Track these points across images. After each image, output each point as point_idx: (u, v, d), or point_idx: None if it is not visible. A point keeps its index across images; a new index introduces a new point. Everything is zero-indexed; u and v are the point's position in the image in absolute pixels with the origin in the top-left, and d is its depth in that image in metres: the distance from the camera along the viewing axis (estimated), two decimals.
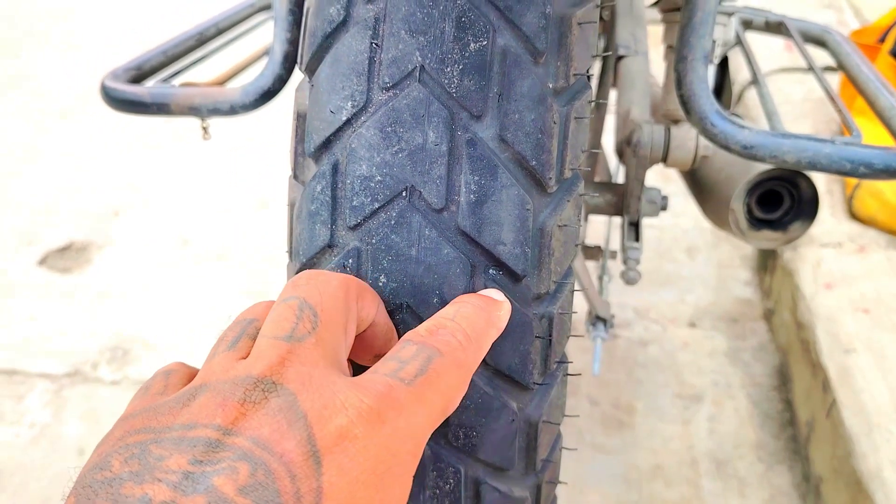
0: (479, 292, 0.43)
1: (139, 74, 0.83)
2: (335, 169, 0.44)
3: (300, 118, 0.48)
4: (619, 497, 1.16)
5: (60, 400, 1.37)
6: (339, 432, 0.31)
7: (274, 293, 1.25)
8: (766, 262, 1.52)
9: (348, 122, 0.44)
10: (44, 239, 1.77)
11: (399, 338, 0.44)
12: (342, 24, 0.45)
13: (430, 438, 0.44)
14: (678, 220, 1.66)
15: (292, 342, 0.34)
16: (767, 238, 0.84)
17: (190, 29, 0.92)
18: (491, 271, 0.44)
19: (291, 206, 0.49)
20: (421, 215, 0.43)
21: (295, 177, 0.48)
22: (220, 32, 0.95)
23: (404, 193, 0.43)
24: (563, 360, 0.50)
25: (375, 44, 0.44)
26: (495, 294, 0.43)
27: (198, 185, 1.95)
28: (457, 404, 0.38)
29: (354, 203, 0.44)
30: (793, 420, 1.27)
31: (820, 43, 1.00)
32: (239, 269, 1.66)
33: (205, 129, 0.79)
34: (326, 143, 0.45)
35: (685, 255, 1.62)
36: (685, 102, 0.66)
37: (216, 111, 0.73)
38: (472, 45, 0.43)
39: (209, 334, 1.49)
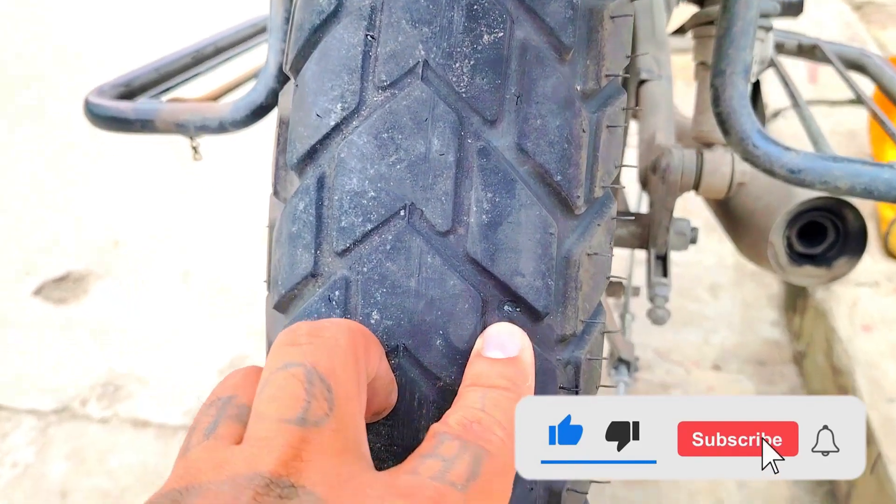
0: (489, 346, 0.35)
1: (128, 91, 0.77)
2: (321, 183, 0.37)
3: (282, 125, 0.41)
4: None
5: (46, 438, 1.30)
6: None
7: None
8: (796, 301, 1.43)
9: (337, 128, 0.37)
10: (41, 269, 1.71)
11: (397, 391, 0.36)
12: (333, 15, 0.38)
13: None
14: (700, 257, 1.58)
15: (307, 427, 0.27)
16: (810, 275, 0.76)
17: (186, 47, 0.86)
18: (506, 308, 0.37)
19: (271, 227, 0.42)
20: (422, 239, 0.36)
21: (276, 193, 0.41)
22: (217, 52, 0.88)
23: (402, 213, 0.36)
24: None
25: (371, 36, 0.37)
26: (510, 344, 0.35)
27: (201, 214, 1.89)
28: None
29: (343, 224, 0.36)
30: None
31: (858, 67, 0.93)
32: (241, 303, 1.59)
33: (195, 148, 0.72)
34: (311, 153, 0.38)
35: (708, 293, 1.54)
36: (723, 121, 0.59)
37: (205, 128, 0.66)
38: (485, 37, 0.36)
39: (207, 371, 1.42)
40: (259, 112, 0.66)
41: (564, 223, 0.37)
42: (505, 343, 0.35)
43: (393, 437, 0.37)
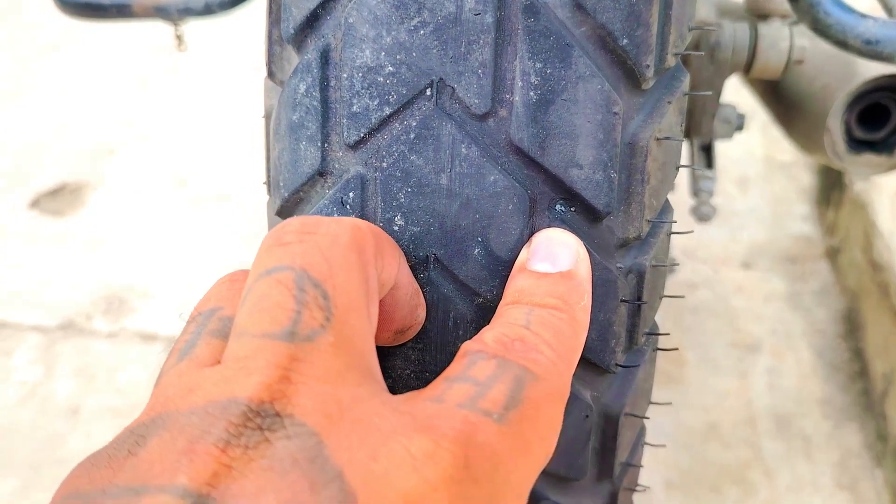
0: (536, 259, 0.29)
1: None
2: (325, 58, 0.30)
3: None
4: (668, 460, 1.03)
5: (52, 355, 1.26)
6: (408, 502, 0.19)
7: None
8: (830, 194, 1.36)
9: None
10: (35, 181, 1.64)
11: (425, 306, 0.30)
12: None
13: None
14: (726, 149, 1.49)
15: (296, 343, 0.21)
16: (870, 163, 0.69)
17: None
18: (559, 207, 0.30)
19: (268, 117, 0.35)
20: (454, 124, 0.28)
21: (270, 75, 0.34)
22: None
23: (429, 91, 0.28)
24: (654, 332, 0.36)
25: None
26: (563, 256, 0.29)
27: (196, 119, 1.80)
28: (553, 448, 0.25)
29: (355, 108, 0.29)
30: (864, 372, 1.13)
31: None
32: (240, 210, 1.53)
33: (179, 37, 0.64)
34: (312, 20, 0.30)
35: (736, 187, 1.46)
36: None
37: (188, 11, 0.58)
38: None
39: (210, 281, 1.36)
40: None
41: (630, 100, 0.30)
42: (556, 254, 0.29)
43: (425, 363, 0.31)
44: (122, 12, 0.60)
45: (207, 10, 0.58)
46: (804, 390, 1.12)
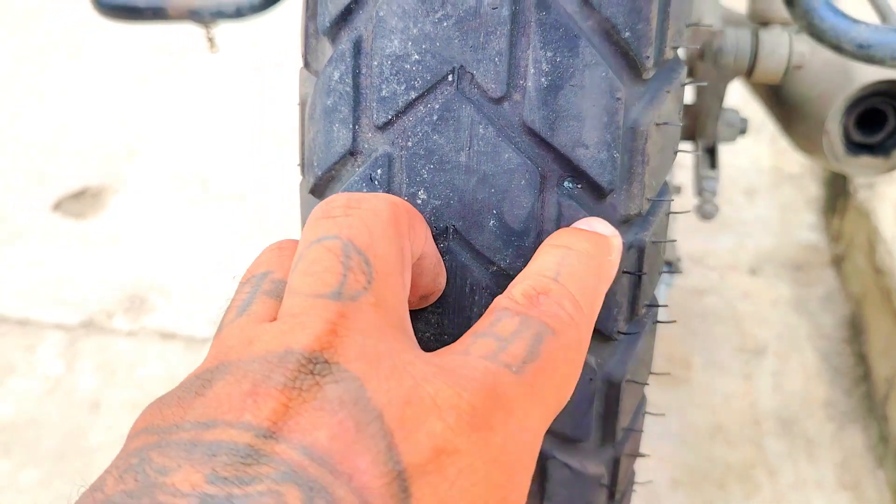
0: (579, 224, 0.32)
1: None
2: (357, 48, 0.33)
3: None
4: (675, 459, 1.06)
5: (74, 351, 1.29)
6: (434, 444, 0.21)
7: (297, 236, 1.16)
8: (835, 203, 1.38)
9: None
10: (58, 184, 1.68)
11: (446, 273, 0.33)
12: None
13: None
14: (735, 159, 1.52)
15: (343, 301, 0.24)
16: (867, 165, 0.72)
17: None
18: (566, 184, 0.33)
19: (303, 104, 0.38)
20: (473, 107, 0.32)
21: (306, 65, 0.37)
22: None
23: (450, 77, 0.32)
24: (654, 304, 0.39)
25: None
26: (601, 226, 0.32)
27: (216, 120, 1.84)
28: (568, 398, 0.28)
29: (384, 93, 0.32)
30: (867, 376, 1.15)
31: None
32: (261, 210, 1.56)
33: (210, 39, 0.68)
34: (345, 14, 0.34)
35: (744, 196, 1.49)
36: None
37: (220, 14, 0.62)
38: None
39: (229, 282, 1.40)
40: None
41: (632, 88, 0.33)
42: (595, 224, 0.32)
43: (443, 326, 0.34)
44: (158, 14, 0.64)
45: (238, 13, 0.61)
46: (808, 393, 1.15)
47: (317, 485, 0.19)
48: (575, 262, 0.29)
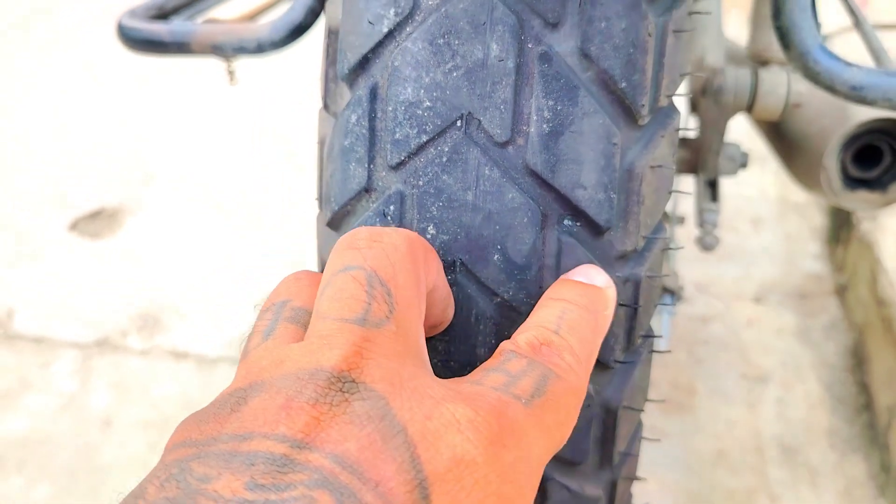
0: (575, 274, 0.35)
1: (161, 13, 0.75)
2: (374, 94, 0.36)
3: (332, 35, 0.39)
4: (678, 484, 1.07)
5: (88, 369, 1.32)
6: (453, 454, 0.24)
7: (312, 261, 1.18)
8: (839, 234, 1.40)
9: (390, 35, 0.35)
10: (75, 204, 1.72)
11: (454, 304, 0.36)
12: None
13: None
14: (741, 189, 1.54)
15: (368, 328, 0.26)
16: (864, 199, 0.74)
17: None
18: (566, 222, 0.35)
19: (322, 143, 0.41)
20: (480, 150, 0.34)
21: (325, 107, 0.40)
22: None
23: (459, 123, 0.34)
24: (650, 335, 0.41)
25: None
26: (598, 277, 0.34)
27: (232, 143, 1.88)
28: (568, 437, 0.30)
29: (397, 136, 0.35)
30: (869, 405, 1.16)
31: None
32: (275, 233, 1.60)
33: (231, 72, 0.71)
34: (363, 63, 0.36)
35: (749, 226, 1.51)
36: (784, 35, 0.56)
37: (242, 49, 0.65)
38: None
39: (244, 304, 1.43)
40: (297, 31, 0.64)
41: (628, 133, 0.36)
42: (592, 275, 0.35)
43: (450, 353, 0.36)
44: (182, 49, 0.67)
45: (259, 49, 0.64)
46: (811, 421, 1.16)
47: (346, 490, 0.21)
48: (575, 316, 0.32)
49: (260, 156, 1.85)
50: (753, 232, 1.50)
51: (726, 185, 1.47)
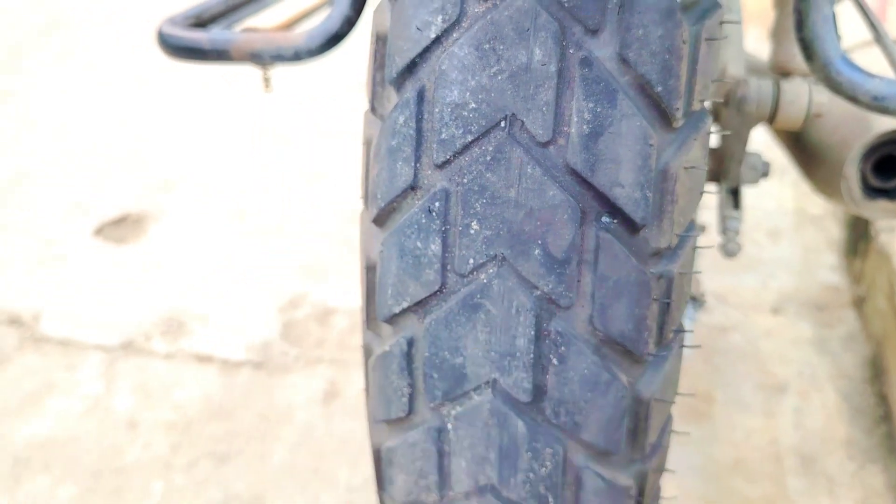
0: None
1: (199, 22, 0.78)
2: (421, 96, 0.38)
3: (379, 41, 0.41)
4: (696, 490, 1.08)
5: (113, 372, 1.34)
6: None
7: (333, 267, 1.19)
8: (857, 245, 1.41)
9: (437, 41, 0.37)
10: (100, 210, 1.75)
11: None
12: None
13: (525, 413, 0.37)
14: (760, 202, 1.55)
15: None
16: (883, 209, 0.75)
17: None
18: (604, 219, 0.37)
19: (368, 144, 0.43)
20: (523, 150, 0.36)
21: (373, 110, 0.42)
22: None
23: (503, 124, 0.36)
24: (681, 329, 0.43)
25: None
26: None
27: (255, 152, 1.91)
28: None
29: (443, 136, 0.37)
30: (888, 416, 1.17)
31: None
32: (296, 241, 1.62)
33: (266, 80, 0.73)
34: (411, 67, 0.38)
35: (767, 238, 1.52)
36: (807, 46, 0.58)
37: (279, 57, 0.67)
38: None
39: (267, 309, 1.45)
40: (333, 40, 0.66)
41: (663, 136, 0.38)
42: None
43: (490, 343, 0.38)
44: (221, 57, 0.70)
45: (296, 57, 0.67)
46: (829, 431, 1.16)
47: None
48: None
49: (281, 163, 1.87)
50: (772, 243, 1.51)
51: (745, 196, 1.49)
